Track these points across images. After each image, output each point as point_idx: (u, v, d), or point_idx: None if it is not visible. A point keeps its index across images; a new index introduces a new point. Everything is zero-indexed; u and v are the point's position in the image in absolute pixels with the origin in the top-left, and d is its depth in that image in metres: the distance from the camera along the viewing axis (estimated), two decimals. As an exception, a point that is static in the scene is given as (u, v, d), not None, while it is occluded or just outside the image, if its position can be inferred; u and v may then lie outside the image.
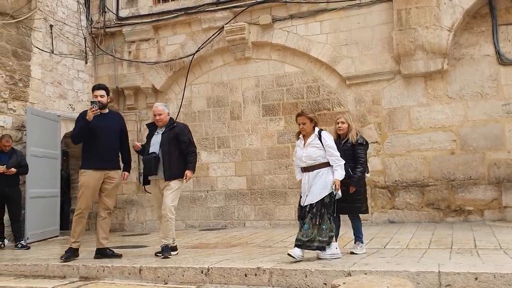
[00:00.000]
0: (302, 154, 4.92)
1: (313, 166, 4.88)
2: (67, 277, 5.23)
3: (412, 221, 8.21)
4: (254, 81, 9.65)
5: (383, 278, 3.46)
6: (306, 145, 4.92)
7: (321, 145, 4.86)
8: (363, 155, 5.43)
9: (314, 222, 4.79)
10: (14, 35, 8.67)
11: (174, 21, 10.10)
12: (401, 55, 8.30)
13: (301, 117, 4.92)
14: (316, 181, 4.84)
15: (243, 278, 4.52)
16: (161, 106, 5.98)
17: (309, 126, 4.92)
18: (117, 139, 5.87)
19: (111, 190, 5.80)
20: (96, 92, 5.85)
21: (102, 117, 5.72)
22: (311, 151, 4.88)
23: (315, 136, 4.90)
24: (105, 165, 5.70)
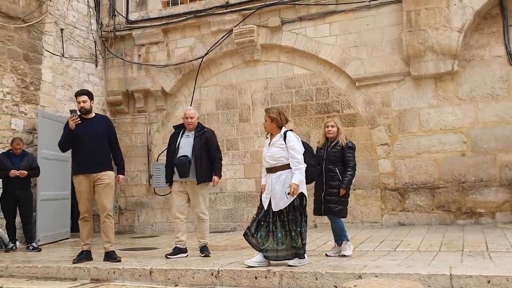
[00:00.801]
0: (266, 154, 4.81)
1: (276, 167, 4.72)
2: (78, 279, 5.27)
3: (423, 224, 8.16)
4: (263, 83, 9.65)
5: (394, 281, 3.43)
6: (271, 144, 4.81)
7: (285, 146, 4.72)
8: (353, 159, 5.55)
9: (287, 228, 4.61)
10: (25, 39, 8.76)
11: (183, 24, 10.15)
12: (410, 57, 8.27)
13: (265, 114, 4.91)
14: (279, 185, 4.66)
15: (253, 281, 4.52)
16: (193, 110, 6.25)
17: (270, 125, 4.82)
18: (103, 142, 5.83)
19: (103, 191, 5.74)
20: (78, 98, 5.86)
21: (87, 122, 5.77)
22: (274, 151, 4.75)
23: (280, 137, 4.77)
24: (92, 169, 5.70)
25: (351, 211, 8.66)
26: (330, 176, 5.45)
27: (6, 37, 8.41)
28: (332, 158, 5.48)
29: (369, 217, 8.62)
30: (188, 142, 5.99)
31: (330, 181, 5.44)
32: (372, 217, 8.60)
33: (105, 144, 5.84)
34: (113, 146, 5.97)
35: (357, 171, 8.50)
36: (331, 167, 5.45)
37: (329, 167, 5.46)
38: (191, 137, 6.02)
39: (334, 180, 5.42)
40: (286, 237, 4.62)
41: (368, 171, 8.68)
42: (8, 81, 8.43)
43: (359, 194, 8.71)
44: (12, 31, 8.50)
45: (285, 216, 4.62)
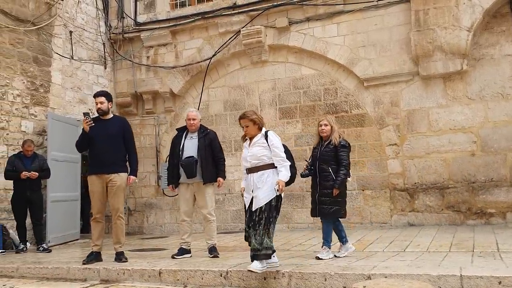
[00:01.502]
0: (247, 154, 4.68)
1: (258, 167, 4.60)
2: (88, 280, 5.30)
3: (432, 224, 8.11)
4: (271, 84, 9.65)
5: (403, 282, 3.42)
6: (252, 144, 4.69)
7: (267, 145, 4.62)
8: (346, 158, 5.43)
9: (265, 227, 4.48)
10: (35, 41, 8.84)
11: (191, 26, 10.18)
12: (419, 56, 8.22)
13: (243, 119, 4.71)
14: (261, 185, 4.55)
15: (262, 282, 4.52)
16: (196, 112, 6.30)
17: (253, 128, 4.69)
18: (118, 144, 5.88)
19: (114, 193, 5.79)
20: (96, 99, 5.97)
21: (103, 123, 5.86)
22: (256, 150, 4.63)
23: (262, 136, 4.68)
24: (104, 169, 5.76)
25: (360, 211, 8.67)
26: (323, 176, 5.37)
27: (16, 40, 8.49)
28: (325, 157, 5.39)
29: (378, 218, 8.58)
30: (193, 144, 6.06)
31: (323, 181, 5.36)
32: (381, 218, 8.56)
33: (119, 145, 5.87)
34: (128, 148, 6.00)
35: (366, 171, 8.68)
36: (324, 166, 5.37)
37: (322, 167, 5.38)
38: (195, 139, 6.10)
39: (327, 180, 5.33)
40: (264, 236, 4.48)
41: (377, 172, 8.65)
42: (19, 84, 8.51)
43: (368, 195, 8.68)
44: (22, 34, 8.58)
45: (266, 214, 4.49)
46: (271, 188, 4.50)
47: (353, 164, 8.70)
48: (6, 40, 8.34)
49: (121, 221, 5.89)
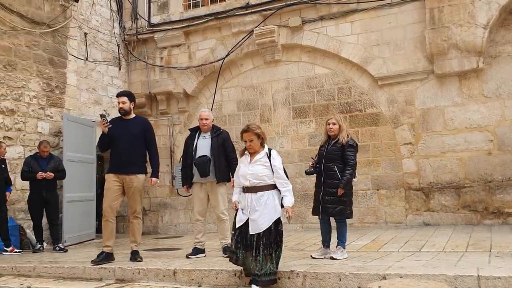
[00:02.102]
0: (247, 172, 4.33)
1: (258, 187, 4.29)
2: (103, 279, 5.34)
3: (448, 224, 8.02)
4: (284, 83, 9.64)
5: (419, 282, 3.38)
6: (253, 162, 4.35)
7: (269, 165, 4.34)
8: (353, 157, 5.36)
9: (267, 252, 4.22)
10: (50, 43, 8.95)
11: (204, 26, 10.21)
12: (434, 55, 8.14)
13: (247, 133, 4.39)
14: (260, 207, 4.25)
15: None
16: (208, 112, 6.30)
17: (257, 143, 4.39)
18: (139, 144, 5.85)
19: (132, 194, 5.81)
20: (118, 99, 5.96)
21: (124, 123, 5.87)
22: (258, 169, 4.31)
23: (265, 154, 4.39)
24: (122, 169, 5.76)
25: (374, 211, 8.61)
26: (329, 174, 5.33)
27: (32, 42, 8.61)
28: (331, 156, 5.34)
29: (393, 218, 8.51)
30: (206, 143, 6.08)
31: (328, 180, 5.32)
32: (396, 217, 8.49)
33: (139, 146, 5.86)
34: (150, 148, 5.98)
35: (381, 171, 8.62)
36: (330, 165, 5.32)
37: (328, 165, 5.33)
38: (208, 138, 6.12)
39: (333, 179, 5.29)
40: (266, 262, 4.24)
41: (392, 171, 8.58)
42: (34, 85, 8.62)
43: (383, 194, 8.62)
44: (38, 36, 8.70)
45: (264, 239, 4.23)
46: (274, 211, 4.26)
47: (367, 164, 8.73)
48: (22, 42, 8.46)
49: (138, 221, 5.93)
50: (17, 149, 8.29)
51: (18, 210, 8.19)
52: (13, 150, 8.22)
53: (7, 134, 8.13)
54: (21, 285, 5.31)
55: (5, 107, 8.12)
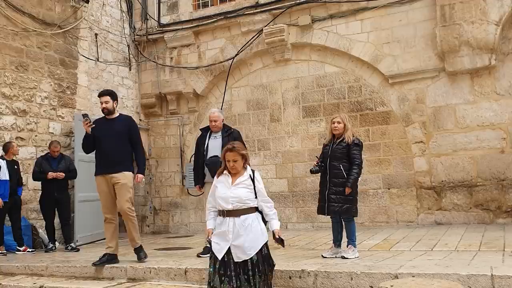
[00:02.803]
0: (229, 195, 3.87)
1: (241, 210, 3.87)
2: (115, 279, 5.37)
3: (460, 223, 7.95)
4: (294, 82, 9.61)
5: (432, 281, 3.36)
6: (236, 184, 3.92)
7: (252, 187, 3.95)
8: (359, 156, 5.34)
9: (255, 281, 3.81)
10: (61, 44, 9.02)
11: (213, 26, 10.22)
12: (445, 52, 8.07)
13: (232, 153, 3.92)
14: (245, 231, 3.82)
15: (287, 281, 4.50)
16: (218, 112, 6.26)
17: (240, 164, 3.97)
18: (123, 143, 5.70)
19: (119, 192, 5.63)
20: (101, 99, 5.79)
21: (108, 123, 5.72)
22: (242, 192, 3.89)
23: (248, 176, 3.99)
24: (109, 169, 5.62)
25: (386, 210, 8.57)
26: (334, 173, 5.31)
27: (43, 43, 8.68)
28: (337, 154, 5.33)
29: (405, 217, 8.46)
30: (217, 143, 6.08)
31: (334, 179, 5.30)
32: (408, 217, 8.44)
33: (124, 145, 5.71)
34: (135, 146, 5.82)
35: (392, 170, 8.57)
36: (336, 163, 5.31)
37: (334, 164, 5.32)
38: (219, 138, 6.12)
39: (338, 178, 5.27)
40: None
41: (403, 170, 8.53)
42: (46, 86, 8.69)
43: (394, 193, 8.57)
44: (49, 37, 8.77)
45: (251, 268, 3.80)
46: (259, 235, 3.86)
47: (378, 163, 8.68)
48: (34, 43, 8.53)
49: (130, 218, 5.70)
50: (29, 150, 8.37)
51: (30, 210, 8.27)
52: (25, 150, 8.30)
53: (20, 135, 8.21)
54: (34, 284, 5.36)
55: (17, 108, 8.19)
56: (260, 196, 3.98)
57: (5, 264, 6.26)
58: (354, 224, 5.45)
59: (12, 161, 7.51)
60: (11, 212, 7.49)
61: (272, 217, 4.03)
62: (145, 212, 11.05)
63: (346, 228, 5.39)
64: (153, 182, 11.05)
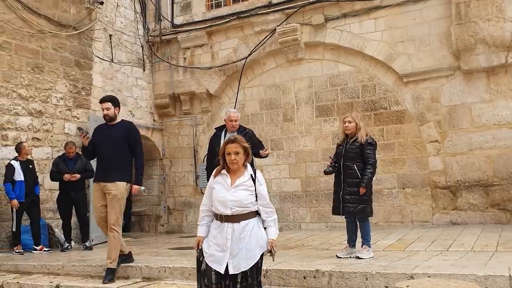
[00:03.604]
0: (228, 198, 3.42)
1: (241, 215, 3.43)
2: (130, 278, 5.41)
3: (476, 223, 7.86)
4: (307, 81, 9.59)
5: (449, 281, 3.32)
6: (236, 185, 3.47)
7: (254, 189, 3.49)
8: (373, 155, 5.31)
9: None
10: (76, 45, 9.11)
11: (226, 26, 10.24)
12: (460, 50, 7.98)
13: (234, 144, 3.47)
14: (246, 238, 3.39)
15: (301, 280, 4.49)
16: (237, 113, 6.29)
17: (242, 158, 3.50)
18: (121, 150, 5.46)
19: (110, 203, 5.35)
20: (102, 105, 5.63)
21: (108, 129, 5.55)
22: (243, 195, 3.43)
23: (249, 177, 3.51)
24: (103, 177, 5.40)
25: (400, 210, 8.50)
26: (348, 173, 5.29)
27: (58, 45, 8.78)
28: (351, 154, 5.31)
29: (419, 216, 8.39)
30: None
31: (348, 179, 5.28)
32: (423, 216, 8.36)
33: (122, 151, 5.46)
34: (134, 152, 5.56)
35: (406, 169, 8.50)
36: (349, 164, 5.28)
37: (347, 164, 5.30)
38: None
39: (352, 178, 5.25)
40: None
41: (417, 169, 8.46)
42: (61, 87, 8.79)
43: (408, 193, 8.50)
44: (64, 39, 8.86)
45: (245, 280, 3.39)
46: (261, 244, 3.44)
47: (392, 162, 8.62)
48: (49, 45, 8.63)
49: (114, 234, 5.31)
50: (45, 150, 8.47)
51: (46, 209, 8.37)
52: (41, 150, 8.40)
53: (36, 135, 8.31)
54: (50, 283, 5.42)
55: (33, 109, 8.30)
56: (261, 200, 3.50)
57: (22, 263, 6.34)
58: (369, 224, 5.42)
59: (26, 161, 7.60)
60: (30, 211, 7.59)
61: (270, 224, 3.53)
62: (159, 212, 11.11)
63: (361, 228, 5.37)
64: (167, 182, 11.11)
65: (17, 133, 8.03)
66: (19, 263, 6.31)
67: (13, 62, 8.03)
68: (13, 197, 7.26)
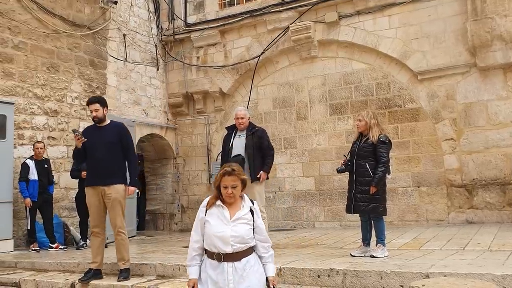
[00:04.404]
0: (228, 233, 3.05)
1: (241, 252, 3.08)
2: (145, 275, 5.43)
3: (493, 222, 7.75)
4: (321, 79, 9.54)
5: (465, 281, 3.28)
6: (236, 218, 3.12)
7: (252, 222, 3.17)
8: (386, 154, 5.21)
9: None
10: (91, 45, 9.19)
11: (239, 25, 10.24)
12: (476, 47, 7.87)
13: (231, 177, 3.13)
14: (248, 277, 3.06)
15: (316, 279, 4.47)
16: (244, 111, 6.24)
17: (239, 191, 3.19)
18: (114, 152, 5.33)
19: (111, 207, 5.30)
20: (90, 107, 5.43)
21: (98, 131, 5.39)
22: (243, 230, 3.09)
23: (249, 210, 3.20)
24: (98, 181, 5.27)
25: (415, 209, 8.42)
26: (360, 172, 5.24)
27: (73, 44, 8.86)
28: (363, 153, 5.25)
29: (435, 215, 8.30)
30: (241, 142, 6.08)
31: (360, 177, 5.23)
32: (438, 215, 8.28)
33: (115, 154, 5.35)
34: (127, 155, 5.44)
35: (421, 167, 8.42)
36: (362, 162, 5.23)
37: (360, 162, 5.25)
38: (243, 137, 6.11)
39: (364, 176, 5.19)
40: None
41: (433, 168, 8.37)
42: (76, 86, 8.87)
43: (423, 191, 8.41)
44: (79, 38, 8.94)
45: None
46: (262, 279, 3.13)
47: (407, 160, 8.55)
48: (64, 44, 8.72)
49: (121, 237, 5.37)
50: (61, 149, 8.56)
51: (62, 208, 8.46)
52: (57, 149, 8.49)
53: (51, 134, 8.40)
54: (66, 280, 5.47)
55: (49, 108, 8.39)
56: (259, 234, 3.17)
57: (39, 260, 6.41)
58: (383, 223, 5.37)
59: (41, 160, 7.68)
60: (43, 210, 7.67)
61: (269, 260, 3.20)
62: (173, 210, 11.17)
63: (375, 227, 5.33)
64: (180, 180, 11.16)
65: (33, 132, 8.13)
66: (35, 261, 6.39)
67: (29, 62, 8.13)
68: (27, 195, 7.36)
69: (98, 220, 5.40)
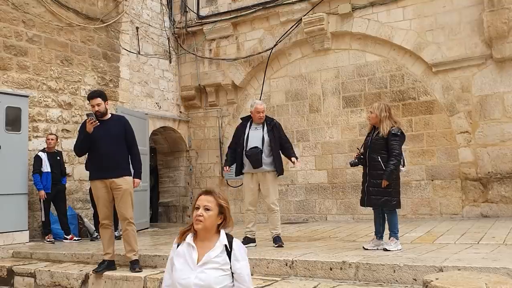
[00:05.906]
0: (192, 280, 2.51)
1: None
2: (158, 267, 5.47)
3: (508, 216, 7.65)
4: (334, 72, 9.48)
5: (479, 275, 3.23)
6: (204, 262, 2.55)
7: (229, 266, 2.56)
8: (397, 147, 5.12)
9: None
10: (104, 38, 9.23)
11: (252, 17, 10.20)
12: (493, 38, 7.74)
13: (207, 196, 2.66)
14: None
15: (328, 272, 4.45)
16: (263, 104, 6.23)
17: (213, 220, 2.63)
18: (120, 145, 5.38)
19: (121, 199, 5.31)
20: (92, 102, 5.40)
21: (102, 125, 5.34)
22: (212, 278, 2.51)
23: (223, 249, 2.60)
24: (107, 174, 5.27)
25: (429, 202, 8.35)
26: (373, 165, 5.19)
27: (87, 38, 8.90)
28: (375, 146, 5.20)
29: (449, 209, 8.22)
30: (257, 135, 6.04)
31: (372, 171, 5.19)
32: (452, 209, 8.20)
33: (121, 147, 5.41)
34: (130, 149, 5.49)
35: (435, 160, 8.34)
36: (374, 155, 5.18)
37: (372, 156, 5.20)
38: (260, 129, 6.08)
39: (376, 169, 5.14)
40: None
41: (447, 161, 8.28)
42: (90, 79, 8.93)
43: (437, 185, 8.34)
44: (92, 32, 8.98)
45: None
46: None
47: (421, 153, 8.47)
48: (78, 38, 8.76)
49: (132, 227, 5.39)
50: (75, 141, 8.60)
51: (76, 199, 8.55)
52: (71, 142, 8.52)
53: (65, 127, 8.48)
54: (80, 271, 5.53)
55: (63, 101, 8.45)
56: (239, 282, 2.55)
57: (54, 251, 6.49)
58: (396, 216, 5.33)
59: (54, 153, 7.75)
60: (56, 202, 7.76)
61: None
62: (186, 203, 11.22)
63: (388, 220, 5.29)
64: (193, 173, 11.20)
65: (47, 124, 8.21)
66: (50, 252, 6.47)
67: (43, 55, 8.19)
68: (40, 187, 7.45)
69: (107, 212, 5.42)
